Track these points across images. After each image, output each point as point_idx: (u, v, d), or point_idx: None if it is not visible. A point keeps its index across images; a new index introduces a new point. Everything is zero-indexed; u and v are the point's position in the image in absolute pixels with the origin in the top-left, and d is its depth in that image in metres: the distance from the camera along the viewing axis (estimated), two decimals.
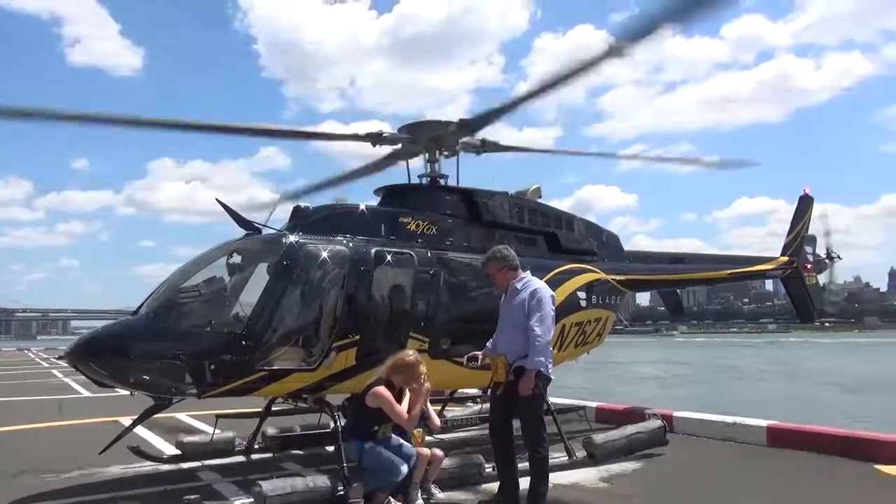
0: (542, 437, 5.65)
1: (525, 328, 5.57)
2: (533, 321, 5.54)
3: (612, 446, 7.58)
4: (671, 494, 6.42)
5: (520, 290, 5.80)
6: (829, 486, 6.58)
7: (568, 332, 8.88)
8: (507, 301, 5.88)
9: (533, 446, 5.60)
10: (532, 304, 5.61)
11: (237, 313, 6.56)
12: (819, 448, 7.90)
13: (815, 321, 15.37)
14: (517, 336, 5.64)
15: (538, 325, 5.52)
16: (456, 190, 8.62)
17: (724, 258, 12.72)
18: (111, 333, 6.37)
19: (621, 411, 10.41)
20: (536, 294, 5.67)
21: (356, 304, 6.89)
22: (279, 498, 5.51)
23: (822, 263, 13.62)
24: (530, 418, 5.67)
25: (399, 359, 5.93)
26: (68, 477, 7.19)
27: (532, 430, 5.65)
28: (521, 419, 5.73)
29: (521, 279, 5.89)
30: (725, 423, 9.08)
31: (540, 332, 5.51)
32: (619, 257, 10.56)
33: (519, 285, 5.83)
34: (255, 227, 7.04)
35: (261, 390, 6.59)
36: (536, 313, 5.56)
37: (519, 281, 5.87)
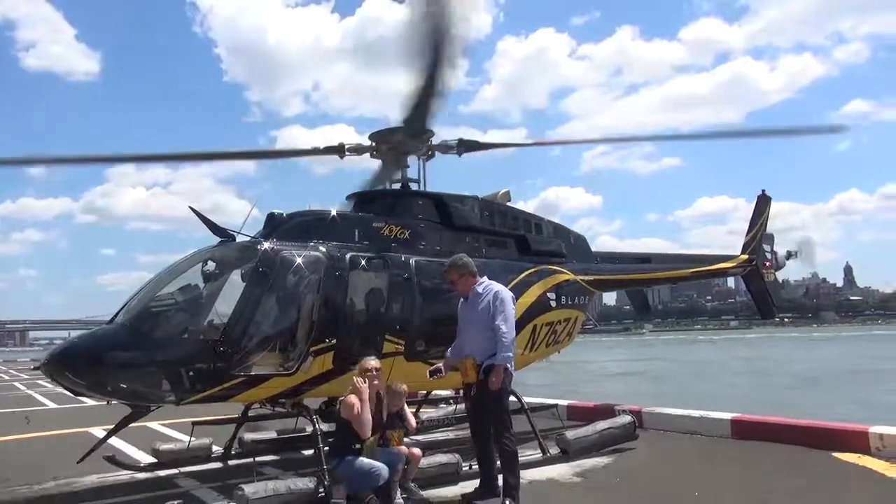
0: (508, 428, 5.96)
1: (491, 328, 5.88)
2: (498, 321, 5.89)
3: (584, 442, 7.82)
4: (642, 486, 6.66)
5: (481, 293, 6.13)
6: (790, 474, 6.89)
7: (539, 332, 9.09)
8: (470, 306, 6.20)
9: (500, 439, 5.91)
10: (496, 305, 5.97)
11: (213, 320, 6.60)
12: (781, 438, 8.26)
13: (775, 317, 15.89)
14: (484, 337, 5.95)
15: (503, 324, 5.88)
16: (427, 195, 8.76)
17: (687, 257, 13.09)
18: (87, 343, 6.36)
19: (592, 408, 10.67)
20: (499, 295, 6.04)
21: (332, 309, 6.99)
22: (261, 500, 5.57)
23: (778, 259, 14.09)
24: (497, 412, 5.96)
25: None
26: (43, 488, 7.14)
27: (499, 422, 5.96)
28: (489, 413, 6.00)
29: (481, 284, 6.22)
30: (692, 416, 9.40)
31: (506, 329, 5.87)
32: (588, 258, 10.82)
33: (480, 289, 6.17)
34: (230, 235, 7.09)
35: (239, 396, 6.65)
36: (501, 313, 5.92)
37: (479, 285, 6.20)
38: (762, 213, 13.96)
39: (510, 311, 6.02)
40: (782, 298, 15.56)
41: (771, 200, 14.34)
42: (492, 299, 6.03)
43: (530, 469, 7.21)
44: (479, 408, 6.12)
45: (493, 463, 6.10)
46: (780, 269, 14.49)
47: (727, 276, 14.36)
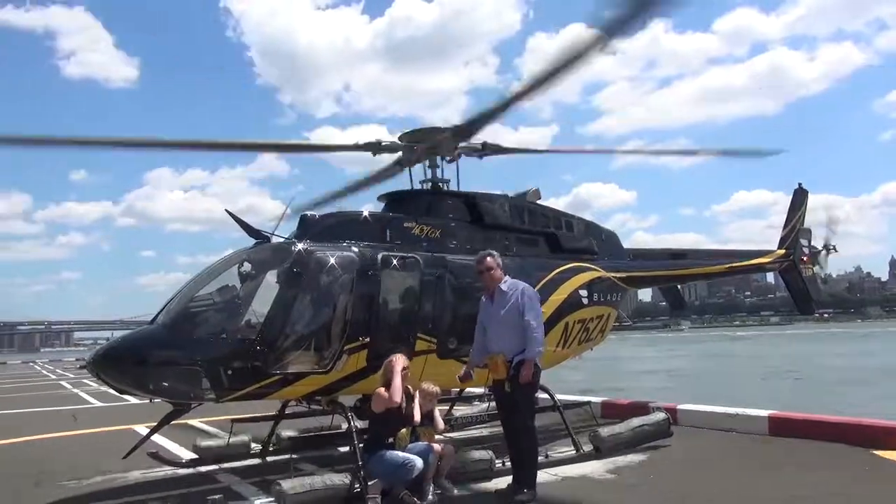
0: (530, 420, 6.18)
1: (521, 325, 6.06)
2: (528, 317, 6.07)
3: (617, 439, 7.81)
4: (676, 484, 6.62)
5: (506, 291, 6.29)
6: (828, 472, 6.79)
7: (571, 329, 9.10)
8: (496, 304, 6.33)
9: (522, 431, 6.12)
10: (524, 301, 6.15)
11: (251, 320, 6.77)
12: (820, 436, 8.11)
13: (814, 312, 15.59)
14: (514, 334, 6.11)
15: (534, 320, 6.07)
16: (457, 194, 8.83)
17: (722, 253, 12.93)
18: (130, 343, 6.59)
19: (626, 405, 10.62)
20: (526, 293, 6.24)
21: (364, 308, 7.11)
22: (298, 496, 5.73)
23: (818, 256, 13.83)
24: (524, 406, 6.14)
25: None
26: (90, 483, 7.39)
27: (525, 416, 6.14)
28: (516, 406, 6.14)
29: (506, 282, 6.36)
30: (728, 414, 9.29)
31: (536, 325, 6.05)
32: (619, 255, 10.78)
33: (505, 287, 6.32)
34: (265, 236, 7.26)
35: (276, 394, 6.81)
36: (531, 310, 6.12)
37: (504, 284, 6.34)
38: (799, 208, 13.72)
39: (538, 307, 6.23)
40: (824, 293, 15.24)
41: (808, 194, 14.08)
42: (519, 296, 6.19)
43: (563, 466, 7.25)
44: (510, 404, 6.21)
45: None
46: (820, 265, 14.22)
47: (763, 271, 14.16)
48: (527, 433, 6.15)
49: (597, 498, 6.18)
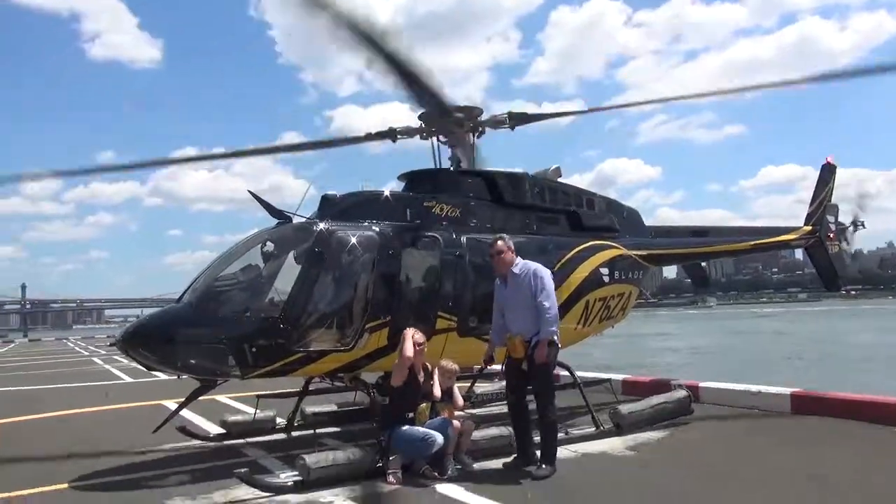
0: (551, 400, 6.28)
1: (535, 307, 6.17)
2: (541, 297, 6.16)
3: (637, 416, 7.84)
4: (695, 460, 6.65)
5: (518, 274, 6.38)
6: (850, 450, 6.77)
7: (592, 307, 9.11)
8: (510, 287, 6.44)
9: (543, 410, 6.22)
10: (536, 283, 6.24)
11: (274, 298, 6.90)
12: (842, 414, 8.07)
13: (841, 289, 15.36)
14: (530, 315, 6.23)
15: (546, 300, 6.17)
16: (477, 173, 8.83)
17: (747, 230, 12.79)
18: (158, 321, 6.77)
19: (648, 383, 10.64)
20: (538, 273, 6.32)
21: (386, 287, 7.21)
22: (322, 469, 5.87)
23: (845, 232, 13.62)
24: (542, 384, 6.28)
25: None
26: (123, 456, 7.62)
27: (543, 394, 6.27)
28: (535, 385, 6.31)
29: (517, 265, 6.44)
30: (750, 391, 9.27)
31: (549, 305, 6.18)
32: (641, 232, 10.72)
33: (517, 270, 6.40)
34: (287, 216, 7.35)
35: (299, 371, 6.96)
36: (542, 290, 6.21)
37: (515, 267, 6.42)
38: (827, 183, 13.47)
39: (550, 287, 6.29)
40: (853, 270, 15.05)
41: (836, 169, 13.81)
42: (531, 277, 6.28)
43: (583, 442, 7.32)
44: (515, 374, 6.41)
45: (530, 434, 6.42)
46: (850, 242, 14.00)
47: (789, 248, 13.97)
48: (547, 410, 6.24)
49: (616, 474, 6.24)
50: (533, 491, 5.68)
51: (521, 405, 6.51)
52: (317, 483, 5.84)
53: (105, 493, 6.15)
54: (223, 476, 6.29)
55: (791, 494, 5.42)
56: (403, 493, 5.79)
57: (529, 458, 6.31)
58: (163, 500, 5.77)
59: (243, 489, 5.85)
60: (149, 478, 6.63)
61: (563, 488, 5.76)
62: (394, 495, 5.75)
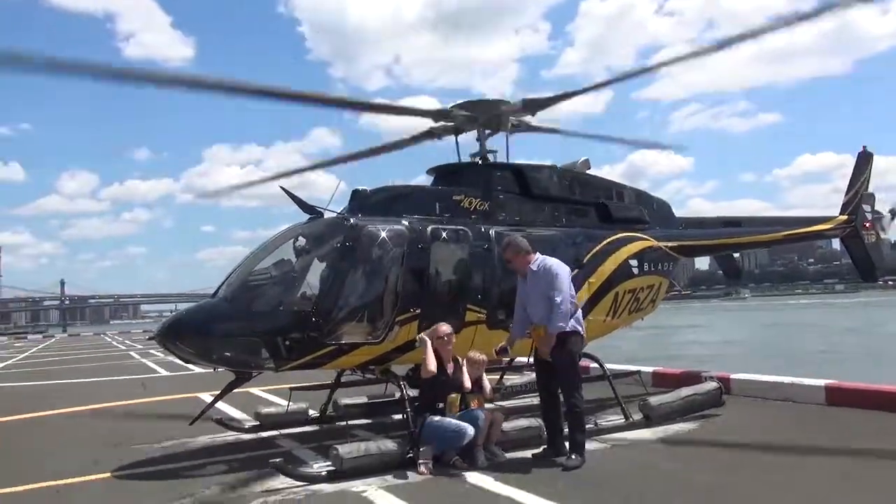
0: (578, 389, 6.38)
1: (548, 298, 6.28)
2: (552, 292, 6.26)
3: (667, 408, 7.82)
4: (725, 453, 6.62)
5: (537, 270, 6.48)
6: (886, 443, 6.66)
7: (621, 299, 9.10)
8: (530, 283, 6.54)
9: (569, 399, 6.32)
10: (551, 278, 6.36)
11: (306, 292, 7.02)
12: (878, 406, 7.96)
13: (878, 280, 15.05)
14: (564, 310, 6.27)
15: (557, 295, 6.27)
16: (506, 166, 8.86)
17: (780, 220, 12.59)
18: (194, 315, 6.95)
19: (678, 375, 10.57)
20: (552, 268, 6.43)
21: (416, 280, 7.29)
22: (354, 460, 6.00)
23: (881, 220, 13.32)
24: (568, 374, 6.39)
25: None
26: (162, 446, 7.86)
27: (569, 384, 6.37)
28: (560, 377, 6.41)
29: (535, 262, 6.53)
30: (783, 383, 9.16)
31: (559, 299, 6.25)
32: (671, 224, 10.65)
33: (535, 267, 6.50)
34: (318, 211, 7.47)
35: (331, 363, 7.08)
36: (553, 285, 6.32)
37: (534, 264, 6.52)
38: (863, 172, 13.19)
39: (563, 282, 6.37)
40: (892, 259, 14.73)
41: (873, 157, 13.52)
42: (545, 273, 6.40)
43: (613, 433, 7.34)
44: (544, 366, 6.50)
45: (560, 425, 6.50)
46: (886, 230, 13.70)
47: (823, 238, 13.72)
48: (573, 401, 6.31)
49: (645, 465, 6.25)
50: (563, 481, 5.74)
51: (551, 396, 6.59)
52: (349, 473, 5.97)
53: (147, 482, 6.36)
54: (258, 466, 6.46)
55: (825, 489, 5.37)
56: (434, 483, 5.89)
57: (559, 449, 6.39)
58: (202, 489, 5.95)
59: (278, 479, 6.00)
60: (188, 467, 6.84)
61: (593, 479, 5.79)
62: (425, 485, 5.84)
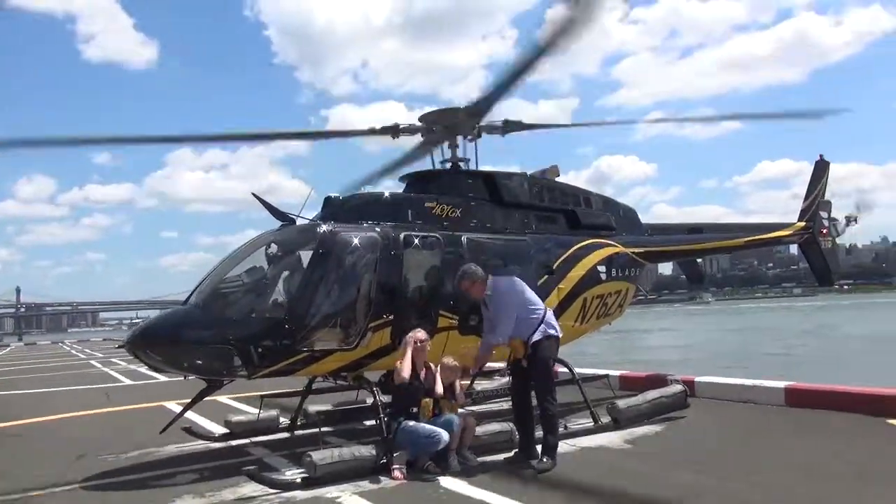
0: (551, 393, 6.54)
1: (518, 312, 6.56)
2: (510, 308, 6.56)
3: (635, 411, 7.99)
4: (691, 453, 6.79)
5: (492, 294, 6.71)
6: (843, 442, 6.92)
7: (589, 304, 9.27)
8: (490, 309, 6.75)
9: (542, 402, 6.48)
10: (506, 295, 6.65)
11: (279, 299, 7.03)
12: (836, 406, 8.25)
13: (834, 284, 15.54)
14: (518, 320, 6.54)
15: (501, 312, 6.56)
16: (476, 173, 8.97)
17: (741, 227, 12.97)
18: (165, 323, 6.90)
19: (644, 378, 10.79)
20: (500, 288, 6.69)
21: (388, 286, 7.34)
22: (328, 466, 6.02)
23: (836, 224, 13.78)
24: (540, 379, 6.56)
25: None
26: (128, 457, 7.73)
27: (543, 387, 6.53)
28: (535, 381, 6.58)
29: (489, 286, 6.74)
30: (744, 385, 9.45)
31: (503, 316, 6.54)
32: (638, 230, 10.88)
33: (490, 292, 6.71)
34: (290, 218, 7.47)
35: (304, 370, 7.09)
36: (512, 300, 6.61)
37: (489, 288, 6.73)
38: (820, 179, 13.67)
39: (507, 297, 6.62)
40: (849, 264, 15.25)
41: (829, 165, 14.00)
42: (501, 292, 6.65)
43: (582, 437, 7.47)
44: (524, 378, 6.64)
45: (533, 430, 6.63)
46: (840, 236, 14.18)
47: (783, 244, 14.15)
48: (546, 404, 6.45)
49: (614, 467, 6.38)
50: (535, 484, 5.83)
51: (524, 401, 6.71)
52: (323, 479, 5.99)
53: (116, 493, 6.26)
54: (230, 474, 6.42)
55: (785, 485, 5.55)
56: (408, 487, 5.93)
57: (531, 453, 6.49)
58: (173, 498, 5.88)
59: (251, 486, 5.98)
60: (158, 477, 6.75)
61: (565, 481, 5.89)
62: (399, 490, 5.88)
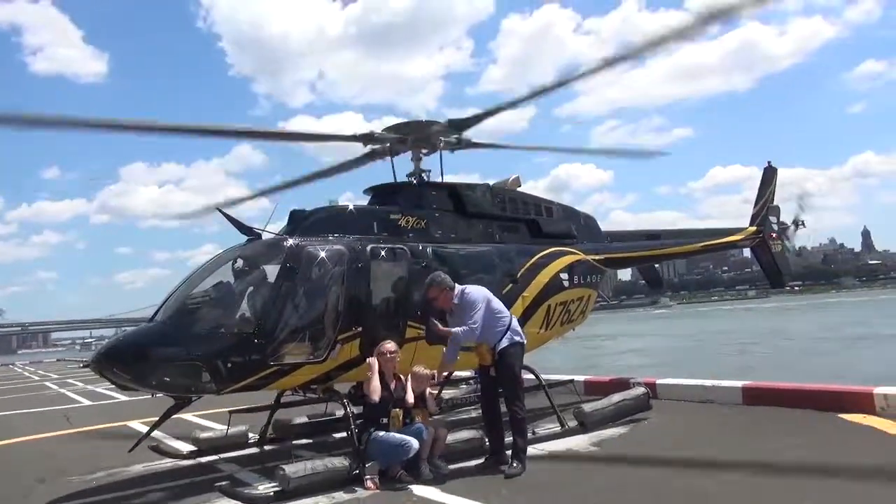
0: (519, 398, 6.68)
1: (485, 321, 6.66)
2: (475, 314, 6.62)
3: (600, 414, 8.20)
4: (654, 453, 7.00)
5: (459, 303, 6.79)
6: (797, 436, 7.23)
7: (553, 311, 9.48)
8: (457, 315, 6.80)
9: (511, 407, 6.63)
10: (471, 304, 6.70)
11: (247, 314, 7.02)
12: (790, 403, 8.59)
13: (785, 286, 16.16)
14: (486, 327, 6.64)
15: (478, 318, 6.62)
16: (440, 185, 9.12)
17: (696, 232, 13.38)
18: (132, 340, 6.83)
19: (608, 382, 11.03)
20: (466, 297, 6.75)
21: (356, 299, 7.41)
22: (301, 479, 6.04)
23: (786, 231, 14.34)
24: (507, 384, 6.70)
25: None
26: (94, 478, 7.60)
27: (511, 392, 6.68)
28: (503, 388, 6.72)
29: (456, 297, 6.83)
30: (704, 386, 9.76)
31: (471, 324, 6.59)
32: (598, 238, 11.16)
33: (457, 301, 6.80)
34: (256, 233, 7.49)
35: (274, 384, 7.10)
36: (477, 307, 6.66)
37: (455, 298, 6.82)
38: (769, 185, 14.21)
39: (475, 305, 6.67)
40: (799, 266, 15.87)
41: (777, 172, 14.56)
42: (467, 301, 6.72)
43: (550, 441, 7.63)
44: (493, 385, 6.76)
45: (503, 436, 6.76)
46: (791, 240, 14.74)
47: (736, 248, 14.64)
48: (514, 408, 6.59)
49: (582, 469, 6.57)
50: (506, 488, 5.96)
51: (492, 407, 6.84)
52: (297, 492, 6.01)
53: None
54: (203, 491, 6.40)
55: (742, 478, 5.80)
56: (382, 497, 5.99)
57: (501, 458, 6.62)
58: None
59: (224, 502, 5.99)
60: (126, 497, 6.67)
61: (535, 484, 6.04)
62: (372, 500, 5.94)
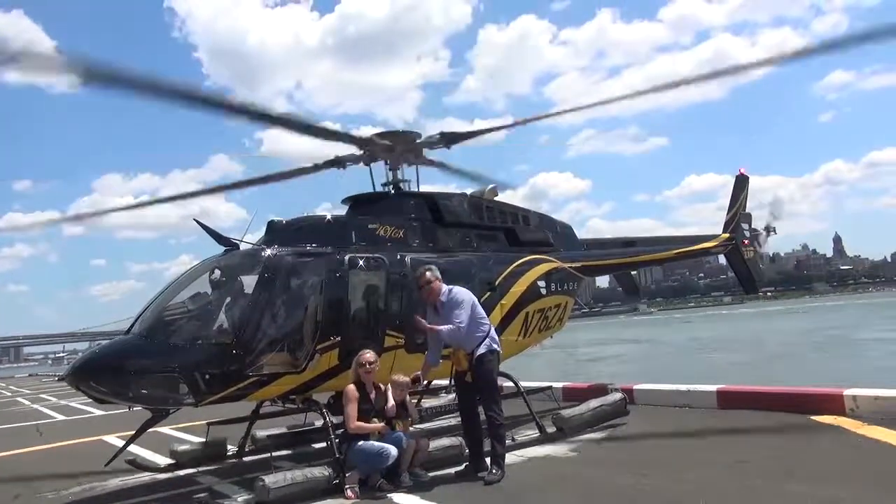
0: (497, 403, 6.75)
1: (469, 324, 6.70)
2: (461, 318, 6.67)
3: (579, 420, 8.29)
4: (632, 457, 7.12)
5: (446, 301, 6.83)
6: (770, 438, 7.39)
7: (531, 318, 9.56)
8: (442, 315, 6.83)
9: (489, 412, 6.70)
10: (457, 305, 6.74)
11: (225, 325, 6.98)
12: (764, 405, 8.76)
13: (758, 292, 16.44)
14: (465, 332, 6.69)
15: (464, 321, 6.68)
16: (419, 195, 9.17)
17: (671, 239, 13.59)
18: (108, 353, 6.77)
19: (586, 388, 11.13)
20: (455, 297, 6.79)
21: (334, 309, 7.41)
22: (281, 490, 6.03)
23: (758, 238, 14.61)
24: (487, 389, 6.76)
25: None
26: (70, 493, 7.52)
27: (488, 398, 6.74)
28: (481, 394, 6.77)
29: (444, 292, 6.88)
30: (679, 390, 9.90)
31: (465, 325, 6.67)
32: (574, 246, 11.29)
33: (444, 298, 6.85)
34: (234, 243, 7.48)
35: (253, 395, 7.08)
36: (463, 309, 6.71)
37: (443, 295, 6.86)
38: (741, 193, 14.47)
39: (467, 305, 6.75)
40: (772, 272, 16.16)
41: (748, 180, 14.84)
42: (454, 301, 6.76)
43: (529, 447, 7.70)
44: (470, 392, 6.82)
45: (482, 443, 6.80)
46: (762, 246, 15.01)
47: (710, 255, 14.87)
48: (492, 414, 6.64)
49: (562, 474, 6.62)
50: (486, 495, 6.01)
51: (471, 414, 6.88)
52: (277, 503, 5.99)
53: None
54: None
55: (717, 480, 5.92)
56: None
57: (480, 465, 6.66)
58: None
59: None
60: None
61: (515, 490, 6.09)
62: None
